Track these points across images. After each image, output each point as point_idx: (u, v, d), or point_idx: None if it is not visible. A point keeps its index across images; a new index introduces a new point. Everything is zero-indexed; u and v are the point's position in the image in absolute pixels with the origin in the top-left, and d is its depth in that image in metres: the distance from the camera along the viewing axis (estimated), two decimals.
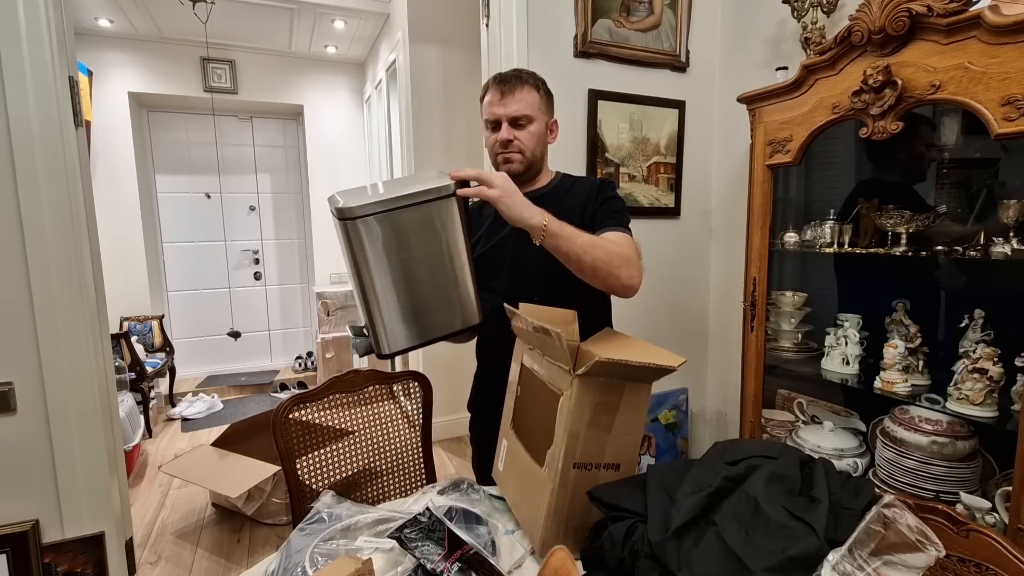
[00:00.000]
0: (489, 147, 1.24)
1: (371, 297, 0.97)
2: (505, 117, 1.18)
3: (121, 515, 1.60)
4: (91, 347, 1.46)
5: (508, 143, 1.19)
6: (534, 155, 1.22)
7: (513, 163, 1.21)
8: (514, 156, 1.20)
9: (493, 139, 1.21)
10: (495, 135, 1.20)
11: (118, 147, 3.87)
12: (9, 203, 1.35)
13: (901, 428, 1.41)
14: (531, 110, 1.19)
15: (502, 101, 1.18)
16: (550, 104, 1.25)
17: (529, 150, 1.21)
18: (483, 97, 1.24)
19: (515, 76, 1.19)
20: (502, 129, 1.19)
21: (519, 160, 1.21)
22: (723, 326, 2.37)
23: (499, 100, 1.18)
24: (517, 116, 1.18)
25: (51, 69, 1.37)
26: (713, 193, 2.36)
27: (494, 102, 1.19)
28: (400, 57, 3.09)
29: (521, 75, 1.20)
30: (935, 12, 1.19)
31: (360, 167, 4.65)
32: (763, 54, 2.08)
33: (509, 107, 1.18)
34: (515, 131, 1.19)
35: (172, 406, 3.92)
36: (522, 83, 1.18)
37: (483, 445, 1.32)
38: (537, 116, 1.20)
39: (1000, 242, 1.25)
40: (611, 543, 0.77)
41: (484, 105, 1.22)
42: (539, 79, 1.23)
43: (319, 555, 0.82)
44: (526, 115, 1.18)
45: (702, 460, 0.88)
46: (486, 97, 1.22)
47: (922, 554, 0.66)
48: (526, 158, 1.21)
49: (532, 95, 1.19)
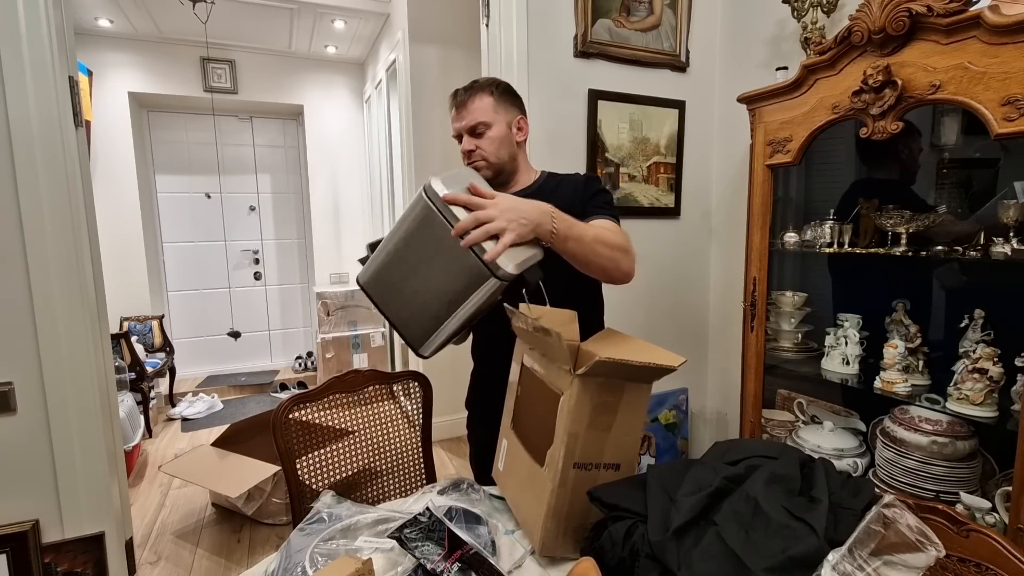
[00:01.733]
0: (462, 160, 1.27)
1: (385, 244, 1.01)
2: (463, 129, 1.22)
3: (121, 515, 1.60)
4: (91, 347, 1.46)
5: (471, 153, 1.22)
6: (499, 159, 1.24)
7: (479, 171, 1.22)
8: (479, 164, 1.23)
9: (462, 152, 1.25)
10: (461, 148, 1.24)
11: (118, 147, 3.87)
12: (9, 203, 1.35)
13: (901, 428, 1.41)
14: (486, 116, 1.21)
15: (458, 115, 1.22)
16: (511, 103, 1.25)
17: (492, 155, 1.22)
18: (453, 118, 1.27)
19: (467, 88, 1.22)
20: (463, 141, 1.23)
21: (484, 167, 1.23)
22: (723, 326, 2.37)
23: (456, 115, 1.23)
24: (473, 125, 1.21)
25: (51, 69, 1.36)
26: (713, 193, 2.36)
27: (453, 118, 1.24)
28: (400, 57, 3.09)
29: (474, 85, 1.23)
30: (935, 12, 1.19)
31: (360, 167, 4.65)
32: (763, 54, 2.08)
33: (464, 119, 1.21)
34: (475, 140, 1.21)
35: (172, 406, 3.92)
36: (473, 92, 1.21)
37: (481, 443, 1.32)
38: (494, 119, 1.21)
39: (1000, 242, 1.25)
40: (611, 543, 0.77)
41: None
42: (493, 82, 1.25)
43: (319, 555, 0.82)
44: (481, 122, 1.20)
45: (702, 460, 0.88)
46: (451, 117, 1.26)
47: (922, 554, 0.66)
48: (491, 163, 1.23)
49: (485, 100, 1.21)
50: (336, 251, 4.70)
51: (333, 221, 4.66)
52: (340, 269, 4.70)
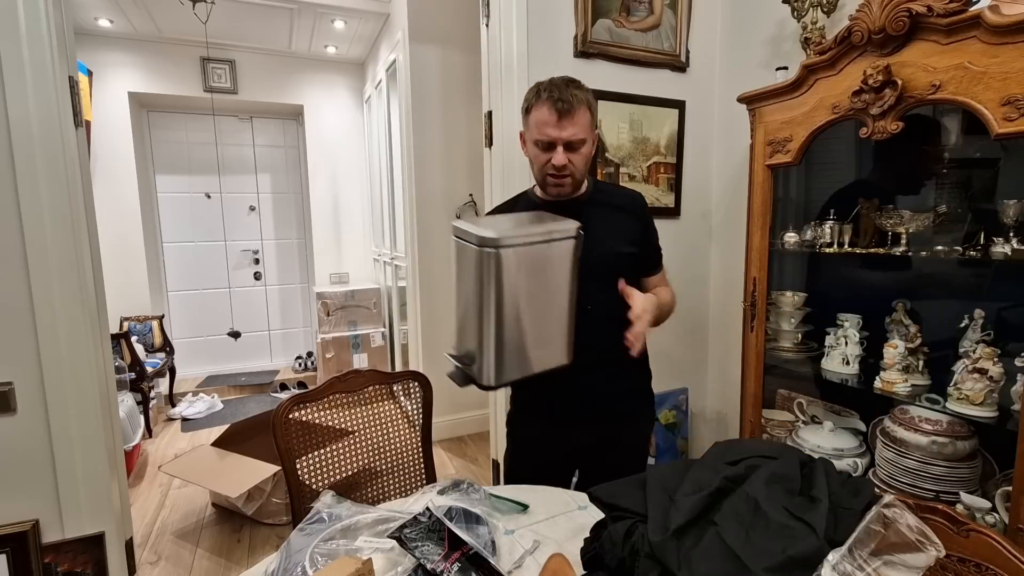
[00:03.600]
0: (539, 165, 1.19)
1: (488, 326, 0.95)
2: (561, 141, 1.13)
3: (121, 515, 1.60)
4: (91, 347, 1.46)
5: (561, 167, 1.15)
6: (583, 176, 1.21)
7: (564, 187, 1.19)
8: (566, 181, 1.18)
9: (545, 159, 1.17)
10: (547, 155, 1.16)
11: (118, 147, 3.87)
12: (9, 203, 1.35)
13: (901, 428, 1.41)
14: (586, 132, 1.15)
15: (559, 124, 1.12)
16: (596, 117, 1.21)
17: (581, 173, 1.19)
18: (527, 108, 1.18)
19: (572, 97, 1.12)
20: (557, 153, 1.14)
21: (570, 184, 1.19)
22: (723, 326, 2.37)
23: (556, 122, 1.12)
24: (573, 140, 1.14)
25: (51, 69, 1.37)
26: (713, 193, 2.36)
27: (550, 123, 1.12)
28: (400, 57, 3.09)
29: (578, 96, 1.13)
30: (935, 12, 1.19)
31: (360, 167, 4.65)
32: (763, 54, 2.08)
33: (566, 130, 1.12)
34: (569, 155, 1.15)
35: (172, 406, 3.92)
36: (579, 104, 1.13)
37: (524, 438, 1.36)
38: (590, 137, 1.17)
39: (1000, 242, 1.25)
40: (611, 543, 0.77)
41: (533, 121, 1.16)
42: (590, 96, 1.18)
43: (319, 555, 0.82)
44: (582, 139, 1.14)
45: (702, 460, 0.88)
46: (536, 113, 1.15)
47: (922, 554, 0.66)
48: (576, 180, 1.20)
49: (587, 116, 1.15)
50: (336, 251, 4.70)
51: (333, 221, 4.66)
52: (340, 269, 4.70)
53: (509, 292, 0.94)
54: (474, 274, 0.94)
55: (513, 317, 0.95)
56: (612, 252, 1.23)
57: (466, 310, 0.98)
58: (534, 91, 1.17)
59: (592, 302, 1.17)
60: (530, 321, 0.98)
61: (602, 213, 1.25)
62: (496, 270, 0.91)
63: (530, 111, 1.17)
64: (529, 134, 1.19)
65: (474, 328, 0.97)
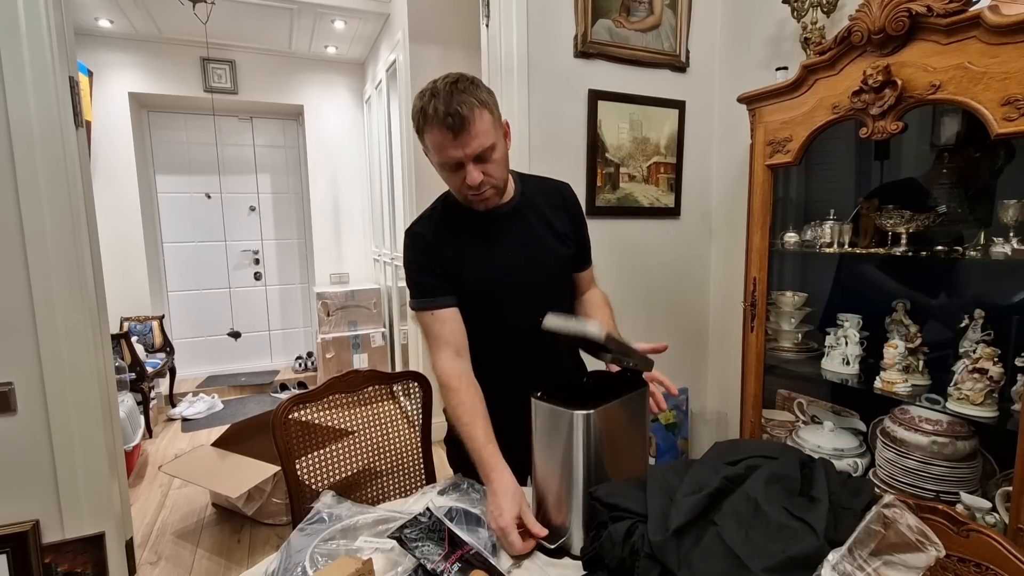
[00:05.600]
0: (455, 187, 1.08)
1: (576, 494, 0.90)
2: (467, 159, 0.99)
3: (121, 515, 1.59)
4: (91, 347, 1.46)
5: (479, 184, 1.02)
6: (505, 180, 1.10)
7: (488, 200, 1.08)
8: (487, 193, 1.06)
9: (459, 180, 1.03)
10: (458, 175, 1.03)
11: (118, 147, 3.88)
12: (9, 203, 1.35)
13: (901, 428, 1.41)
14: (492, 136, 1.00)
15: (457, 141, 0.97)
16: (497, 109, 1.05)
17: (501, 179, 1.07)
18: (419, 131, 1.02)
19: (461, 106, 0.96)
20: (468, 171, 1.00)
21: (494, 194, 1.08)
22: (723, 326, 2.37)
23: (452, 141, 0.97)
24: (480, 152, 0.99)
25: (51, 69, 1.36)
26: (713, 193, 2.36)
27: (447, 143, 0.98)
28: (400, 57, 3.09)
29: (468, 101, 0.96)
30: (935, 12, 1.19)
31: (360, 167, 4.66)
32: (763, 54, 2.08)
33: (468, 146, 0.98)
34: (482, 167, 1.01)
35: (172, 406, 3.92)
36: (473, 110, 0.96)
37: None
38: (496, 138, 1.02)
39: (1000, 242, 1.25)
40: (611, 543, 0.77)
41: (430, 144, 1.02)
42: (482, 93, 1.00)
43: (319, 555, 0.82)
44: (490, 145, 1.00)
45: (702, 460, 0.88)
46: (430, 136, 1.00)
47: (922, 554, 0.66)
48: (500, 189, 1.09)
49: (487, 118, 0.99)
50: (336, 251, 4.70)
51: (333, 221, 4.66)
52: (340, 269, 4.71)
53: (596, 453, 0.89)
54: (564, 440, 0.88)
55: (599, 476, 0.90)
56: (553, 256, 1.19)
57: (549, 479, 0.92)
58: (418, 110, 0.99)
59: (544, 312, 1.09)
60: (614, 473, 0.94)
61: (536, 217, 1.18)
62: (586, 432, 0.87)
63: (423, 134, 1.02)
64: (432, 158, 1.05)
65: (561, 498, 0.91)
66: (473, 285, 1.12)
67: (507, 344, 1.17)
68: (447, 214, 1.16)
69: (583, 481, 0.87)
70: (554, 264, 1.19)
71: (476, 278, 1.12)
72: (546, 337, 1.02)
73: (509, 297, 1.14)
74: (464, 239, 1.13)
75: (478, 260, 1.13)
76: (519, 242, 1.15)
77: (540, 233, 1.18)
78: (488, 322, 1.14)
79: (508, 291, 1.14)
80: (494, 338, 1.15)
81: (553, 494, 0.92)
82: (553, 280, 1.20)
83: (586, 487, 0.87)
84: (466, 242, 1.13)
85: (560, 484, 0.90)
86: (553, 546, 0.89)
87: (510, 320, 1.15)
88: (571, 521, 0.89)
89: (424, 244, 1.14)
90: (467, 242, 1.13)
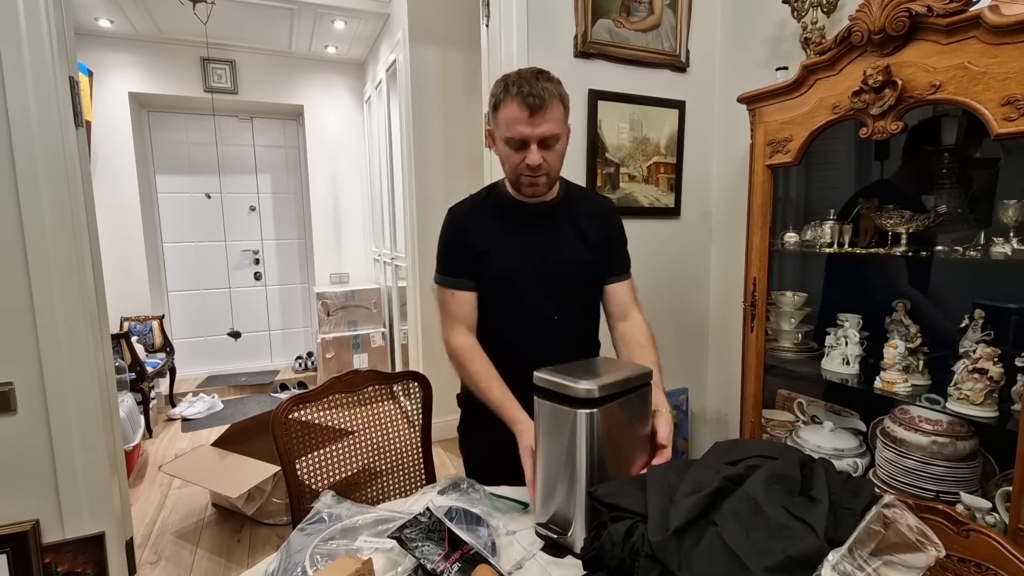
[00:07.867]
0: (511, 165, 1.13)
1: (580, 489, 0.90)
2: (535, 139, 1.07)
3: (121, 515, 1.59)
4: (91, 347, 1.46)
5: (536, 167, 1.09)
6: (558, 174, 1.17)
7: (539, 187, 1.14)
8: (540, 180, 1.12)
9: (519, 159, 1.10)
10: (520, 154, 1.10)
11: (118, 147, 3.88)
12: (9, 203, 1.35)
13: (901, 428, 1.41)
14: (560, 128, 1.09)
15: (531, 120, 1.05)
16: (569, 110, 1.14)
17: (556, 171, 1.15)
18: (496, 104, 1.10)
19: (543, 90, 1.06)
20: (531, 152, 1.08)
21: (545, 183, 1.14)
22: (723, 326, 2.37)
23: (527, 119, 1.05)
24: (547, 137, 1.07)
25: (51, 69, 1.36)
26: (713, 193, 2.36)
27: (520, 120, 1.06)
28: (400, 57, 3.09)
29: (549, 89, 1.07)
30: (935, 12, 1.19)
31: (360, 167, 4.66)
32: (763, 54, 2.08)
33: (539, 127, 1.06)
34: (544, 153, 1.09)
35: (172, 406, 3.92)
36: (551, 98, 1.06)
37: (479, 444, 1.32)
38: (563, 132, 1.11)
39: (1000, 242, 1.25)
40: (611, 543, 0.77)
41: (503, 119, 1.08)
42: (561, 88, 1.11)
43: (319, 555, 0.82)
44: (556, 134, 1.09)
45: (702, 460, 0.88)
46: (505, 110, 1.07)
47: (922, 554, 0.66)
48: (552, 180, 1.16)
49: (560, 110, 1.09)
50: (336, 251, 4.70)
51: (333, 221, 4.66)
52: (340, 269, 4.71)
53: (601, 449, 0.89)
54: (568, 435, 0.89)
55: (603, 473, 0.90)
56: (578, 261, 1.22)
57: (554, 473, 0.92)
58: (501, 86, 1.08)
59: (558, 312, 1.19)
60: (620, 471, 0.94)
61: (570, 222, 1.23)
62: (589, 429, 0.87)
63: (499, 108, 1.09)
64: (499, 132, 1.11)
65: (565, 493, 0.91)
66: (496, 271, 1.19)
67: (517, 334, 1.21)
68: (489, 201, 1.25)
69: (585, 479, 0.88)
70: (575, 265, 1.22)
71: (499, 265, 1.19)
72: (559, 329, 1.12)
73: (525, 288, 1.19)
74: (497, 224, 1.21)
75: (505, 247, 1.19)
76: (547, 238, 1.21)
77: (568, 234, 1.22)
78: (502, 309, 1.20)
79: (525, 283, 1.19)
80: (506, 326, 1.21)
81: (557, 490, 0.92)
82: (573, 281, 1.22)
83: (588, 484, 0.88)
84: (498, 228, 1.20)
85: (564, 480, 0.91)
86: (564, 535, 0.91)
87: (524, 311, 1.20)
88: (575, 517, 0.90)
89: (460, 227, 1.22)
90: (499, 228, 1.20)
